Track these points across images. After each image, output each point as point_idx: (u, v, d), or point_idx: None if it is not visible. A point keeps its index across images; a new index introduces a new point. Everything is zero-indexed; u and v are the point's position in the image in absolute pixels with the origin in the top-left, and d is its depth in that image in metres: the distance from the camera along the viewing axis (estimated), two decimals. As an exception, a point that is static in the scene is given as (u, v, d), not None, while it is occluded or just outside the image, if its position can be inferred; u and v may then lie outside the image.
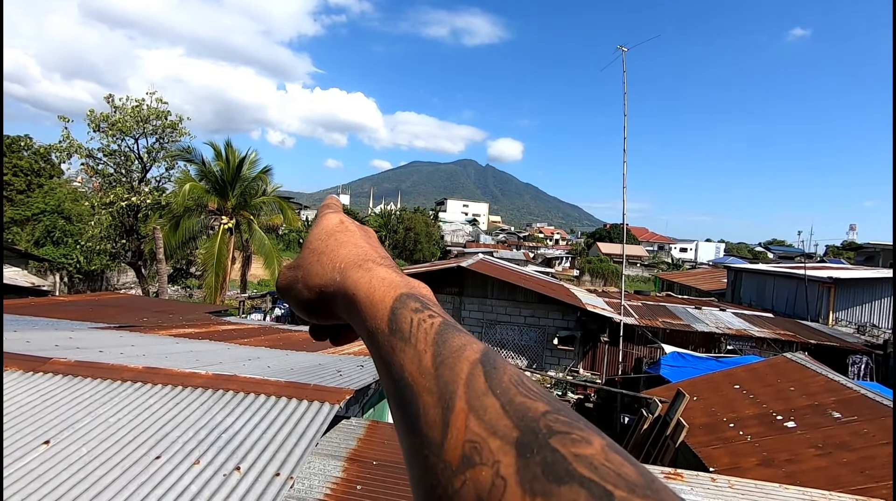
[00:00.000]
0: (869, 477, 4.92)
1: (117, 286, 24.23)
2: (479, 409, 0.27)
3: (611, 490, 0.21)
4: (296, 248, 54.60)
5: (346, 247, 0.44)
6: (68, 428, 3.22)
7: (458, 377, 0.29)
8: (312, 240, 0.46)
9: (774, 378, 8.01)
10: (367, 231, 0.49)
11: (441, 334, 0.32)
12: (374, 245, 0.46)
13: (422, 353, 0.31)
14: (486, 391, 0.28)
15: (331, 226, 0.47)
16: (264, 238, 19.44)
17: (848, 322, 18.25)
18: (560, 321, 14.87)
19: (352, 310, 0.38)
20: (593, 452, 0.23)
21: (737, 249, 78.88)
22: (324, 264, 0.43)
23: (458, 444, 0.26)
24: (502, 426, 0.25)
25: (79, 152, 17.43)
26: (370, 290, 0.37)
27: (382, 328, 0.34)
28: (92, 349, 5.15)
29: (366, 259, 0.41)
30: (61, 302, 10.84)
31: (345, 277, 0.40)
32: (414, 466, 0.28)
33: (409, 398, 0.30)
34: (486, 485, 0.23)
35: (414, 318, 0.34)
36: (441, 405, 0.28)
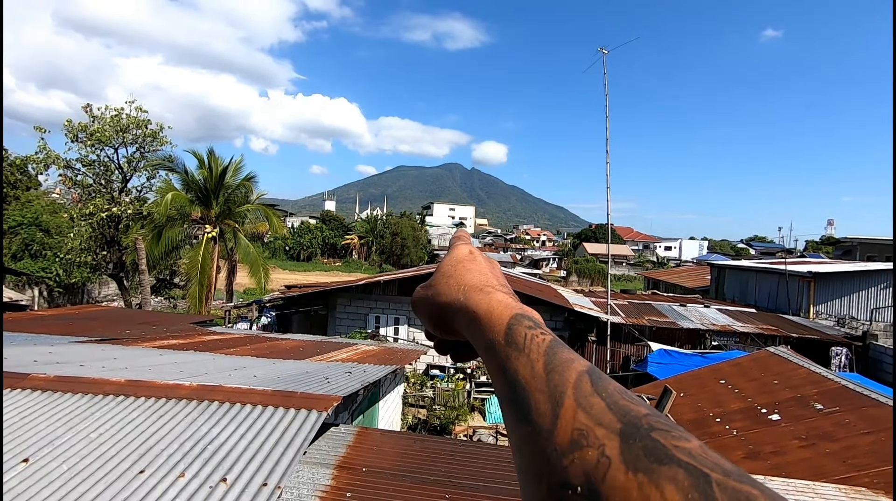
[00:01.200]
0: (851, 466, 5.02)
1: (99, 299, 23.74)
2: (585, 406, 0.30)
3: (708, 472, 0.24)
4: (282, 255, 54.00)
5: (472, 274, 0.50)
6: (48, 445, 3.15)
7: (567, 381, 0.33)
8: (444, 265, 0.53)
9: (758, 372, 8.14)
10: (493, 263, 0.56)
11: (552, 348, 0.37)
12: (497, 275, 0.52)
13: (534, 361, 0.35)
14: (592, 392, 0.31)
15: (461, 255, 0.55)
16: (249, 246, 19.22)
17: (828, 315, 18.64)
18: (548, 322, 14.88)
19: (471, 326, 0.44)
20: (692, 446, 0.26)
21: (720, 246, 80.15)
22: (451, 285, 0.49)
23: (568, 431, 0.29)
24: (607, 419, 0.29)
25: (56, 163, 17.07)
26: (489, 309, 0.43)
27: (499, 340, 0.39)
28: (72, 364, 5.04)
29: (487, 285, 0.48)
30: (40, 316, 10.59)
31: (467, 297, 0.46)
32: (524, 451, 0.32)
33: (522, 396, 0.34)
34: (593, 462, 0.27)
35: (528, 333, 0.38)
36: (551, 402, 0.32)
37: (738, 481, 0.24)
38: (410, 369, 13.03)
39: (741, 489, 0.23)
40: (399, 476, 3.58)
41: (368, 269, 48.23)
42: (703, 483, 0.23)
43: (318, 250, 56.64)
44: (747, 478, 0.24)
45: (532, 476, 0.30)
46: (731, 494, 0.23)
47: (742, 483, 0.23)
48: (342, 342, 9.89)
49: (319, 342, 9.51)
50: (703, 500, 0.23)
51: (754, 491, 0.23)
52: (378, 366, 6.61)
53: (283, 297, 17.03)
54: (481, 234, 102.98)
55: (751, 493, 0.23)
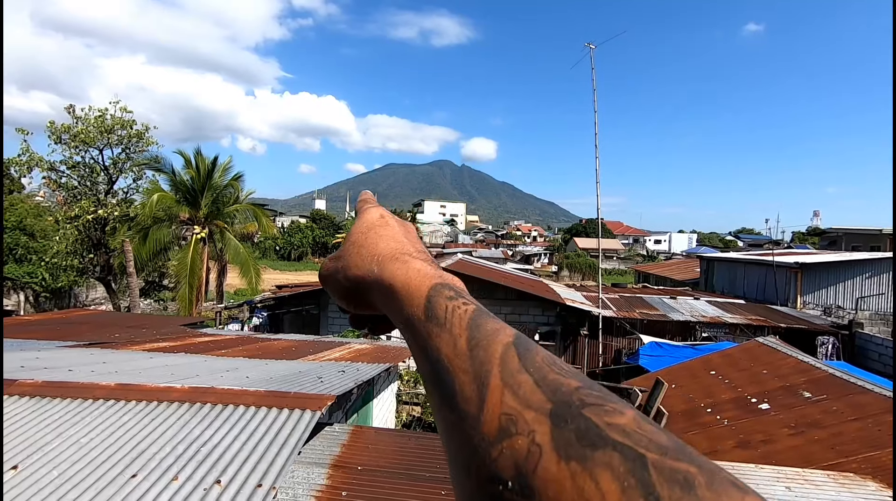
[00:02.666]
0: (839, 453, 5.11)
1: (86, 303, 23.42)
2: (513, 385, 0.28)
3: (643, 452, 0.22)
4: (272, 255, 53.68)
5: (385, 240, 0.46)
6: (37, 452, 3.10)
7: (492, 357, 0.30)
8: (353, 233, 0.49)
9: (748, 363, 8.25)
10: (406, 226, 0.52)
11: (475, 319, 0.34)
12: (412, 240, 0.48)
13: (457, 337, 0.33)
14: (520, 368, 0.29)
15: (371, 220, 0.50)
16: (239, 247, 19.05)
17: (815, 305, 18.93)
18: (540, 317, 15.01)
19: (388, 300, 0.40)
20: (626, 421, 0.24)
21: (708, 238, 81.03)
22: (363, 256, 0.45)
23: (495, 417, 0.27)
24: (536, 399, 0.27)
25: (40, 166, 16.79)
26: (406, 280, 0.39)
27: (419, 315, 0.36)
28: (61, 369, 4.97)
29: (402, 252, 0.43)
30: (27, 321, 10.42)
31: (382, 268, 0.42)
32: (451, 441, 0.30)
33: (445, 378, 0.31)
34: (523, 453, 0.25)
35: (449, 305, 0.35)
36: (476, 383, 0.29)
37: (675, 459, 0.22)
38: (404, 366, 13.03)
39: (678, 467, 0.22)
40: (394, 474, 3.59)
41: (360, 267, 47.94)
42: (639, 466, 0.22)
43: (309, 249, 56.34)
44: (685, 453, 0.23)
45: (461, 468, 0.28)
46: (668, 474, 0.21)
47: (679, 461, 0.22)
48: (335, 341, 9.86)
49: (312, 342, 9.48)
50: (640, 486, 0.21)
51: (692, 469, 0.22)
52: (371, 364, 6.60)
53: (275, 297, 16.93)
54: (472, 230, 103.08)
55: (688, 471, 0.22)
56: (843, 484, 4.12)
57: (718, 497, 0.21)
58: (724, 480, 0.22)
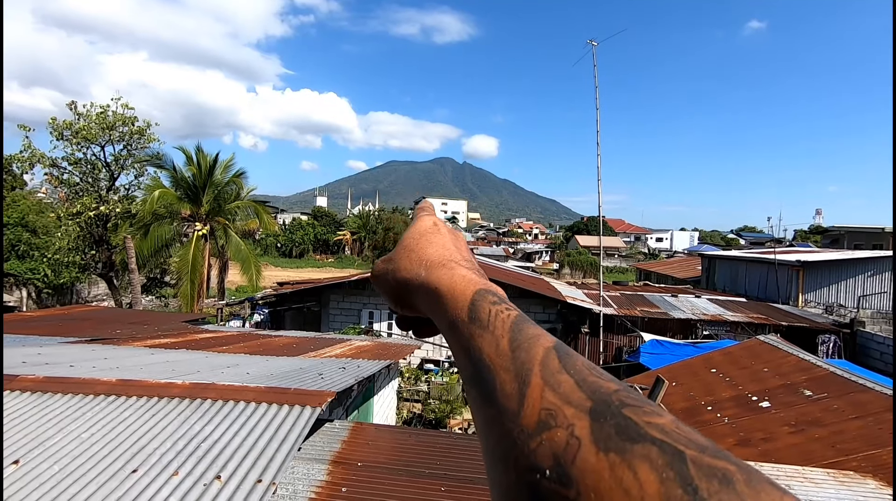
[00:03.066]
0: (839, 451, 5.11)
1: (89, 299, 23.48)
2: (553, 384, 0.29)
3: (682, 449, 0.23)
4: (273, 252, 53.70)
5: (434, 247, 0.48)
6: (38, 447, 3.12)
7: (533, 358, 0.31)
8: (406, 238, 0.51)
9: (749, 361, 8.24)
10: (457, 235, 0.53)
11: (517, 324, 0.35)
12: (461, 248, 0.50)
13: (499, 338, 0.34)
14: (560, 369, 0.30)
15: (424, 227, 0.52)
16: (240, 243, 19.07)
17: (816, 303, 18.89)
18: (541, 315, 15.00)
19: (433, 303, 0.42)
20: (665, 422, 0.25)
21: (710, 236, 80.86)
22: (412, 260, 0.47)
23: (535, 411, 0.28)
24: (576, 397, 0.27)
25: (42, 162, 16.82)
26: (452, 284, 0.41)
27: (462, 317, 0.38)
28: (62, 364, 4.99)
29: (450, 260, 0.45)
30: (29, 317, 10.46)
31: (429, 273, 0.44)
32: (490, 434, 0.30)
33: (486, 376, 0.32)
34: (562, 444, 0.25)
35: (492, 309, 0.37)
36: (517, 381, 0.30)
37: (714, 457, 0.23)
38: (404, 363, 13.05)
39: (716, 465, 0.22)
40: (394, 471, 3.59)
41: (361, 264, 48.11)
42: (678, 460, 0.22)
43: (311, 246, 56.38)
44: (723, 454, 0.23)
45: (499, 460, 0.29)
46: (707, 470, 0.22)
47: (717, 459, 0.23)
48: (336, 338, 9.87)
49: (313, 339, 9.49)
50: (678, 478, 0.22)
51: (730, 467, 0.22)
52: (372, 361, 6.61)
53: (276, 294, 16.95)
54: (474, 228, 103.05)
55: (727, 469, 0.22)
56: (843, 483, 4.12)
57: (757, 495, 0.21)
58: (762, 479, 0.22)
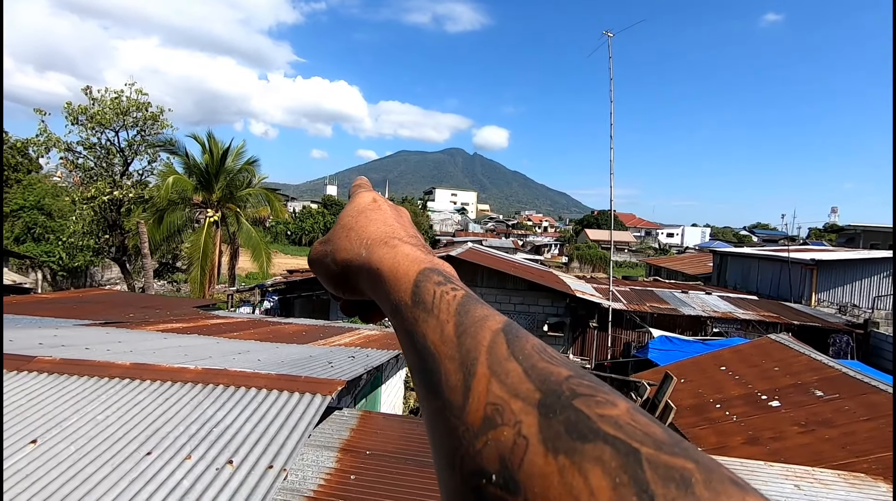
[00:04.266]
0: (850, 452, 5.06)
1: (102, 283, 23.84)
2: (500, 373, 0.27)
3: (637, 446, 0.21)
4: (283, 240, 54.05)
5: (375, 224, 0.45)
6: (56, 427, 3.18)
7: (479, 344, 0.29)
8: (344, 216, 0.47)
9: (759, 359, 8.17)
10: (399, 210, 0.50)
11: (463, 305, 0.32)
12: (404, 224, 0.47)
13: (444, 323, 0.31)
14: (508, 356, 0.27)
15: (363, 204, 0.49)
16: (251, 231, 19.22)
17: (830, 303, 18.65)
18: (549, 308, 14.98)
19: (376, 284, 0.39)
20: (619, 413, 0.23)
21: (722, 233, 79.96)
22: (352, 239, 0.44)
23: (480, 406, 0.26)
24: (524, 389, 0.25)
25: (57, 146, 17.01)
26: (394, 264, 0.38)
27: (406, 300, 0.35)
28: (78, 347, 5.08)
29: (392, 236, 0.42)
30: (44, 299, 10.65)
31: (371, 252, 0.41)
32: (435, 430, 0.28)
33: (431, 366, 0.30)
34: (508, 444, 0.23)
35: (437, 290, 0.34)
36: (463, 371, 0.28)
37: (671, 454, 0.20)
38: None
39: (674, 463, 0.20)
40: (402, 459, 3.62)
41: (370, 254, 48.18)
42: (633, 461, 0.20)
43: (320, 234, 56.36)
44: (681, 448, 0.21)
45: (444, 459, 0.27)
46: (664, 472, 0.20)
47: (675, 456, 0.20)
48: (345, 327, 9.94)
49: (322, 327, 9.56)
50: (633, 483, 0.20)
51: (688, 465, 0.20)
52: (381, 351, 6.65)
53: (286, 281, 17.08)
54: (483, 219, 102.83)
55: (685, 468, 0.20)
56: (853, 484, 4.08)
57: (717, 497, 0.19)
58: (722, 477, 0.20)
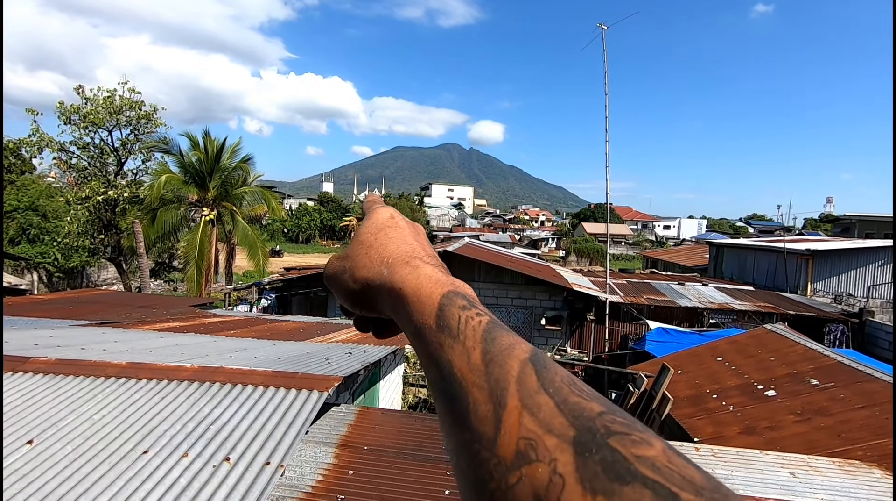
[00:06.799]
0: (845, 440, 5.11)
1: (98, 283, 23.77)
2: (532, 407, 0.26)
3: (676, 491, 0.20)
4: (280, 238, 53.95)
5: (395, 243, 0.44)
6: (52, 427, 3.17)
7: (508, 374, 0.28)
8: (362, 233, 0.47)
9: (755, 349, 8.22)
10: (417, 228, 0.50)
11: (489, 332, 0.32)
12: (423, 243, 0.46)
13: (470, 349, 0.31)
14: (539, 389, 0.27)
15: (381, 221, 0.48)
16: (248, 229, 19.16)
17: (825, 292, 18.75)
18: (547, 302, 15.01)
19: (397, 306, 0.39)
20: (655, 453, 0.22)
21: (718, 224, 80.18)
22: (372, 257, 0.43)
23: (513, 440, 0.25)
24: (557, 424, 0.25)
25: (50, 146, 16.90)
26: (417, 286, 0.38)
27: (430, 323, 0.35)
28: (73, 347, 5.06)
29: (413, 256, 0.42)
30: (40, 300, 10.60)
31: (392, 272, 0.41)
32: (462, 460, 0.28)
33: (457, 393, 0.30)
34: (544, 482, 0.23)
35: (462, 315, 0.34)
36: (493, 402, 0.27)
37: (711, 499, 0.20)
38: (410, 349, 13.14)
39: None
40: (400, 455, 3.63)
41: (367, 250, 48.16)
42: None
43: (317, 231, 56.59)
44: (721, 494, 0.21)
45: (472, 487, 0.26)
46: None
47: None
48: (342, 324, 9.93)
49: (319, 324, 9.56)
50: None
51: None
52: (378, 347, 6.66)
53: (283, 279, 17.05)
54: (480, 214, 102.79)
55: None
56: (848, 471, 4.12)
57: None
58: None
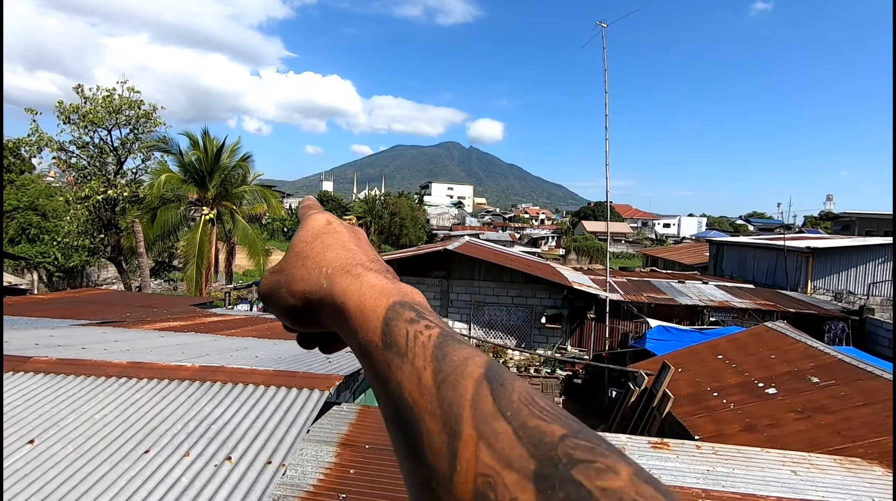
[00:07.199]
0: (846, 438, 5.11)
1: (98, 282, 23.77)
2: (489, 436, 0.24)
3: None
4: (280, 237, 53.94)
5: (334, 250, 0.41)
6: (53, 427, 3.17)
7: (462, 397, 0.26)
8: (297, 243, 0.43)
9: (756, 347, 8.22)
10: (356, 232, 0.46)
11: (440, 347, 0.29)
12: (364, 248, 0.43)
13: (420, 370, 0.28)
14: (496, 413, 0.25)
15: (317, 227, 0.44)
16: (247, 228, 19.15)
17: (825, 290, 18.75)
18: (547, 300, 15.01)
19: (341, 320, 0.35)
20: (622, 484, 0.21)
21: (718, 222, 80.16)
22: (309, 268, 0.40)
23: (470, 478, 0.23)
24: (517, 455, 0.23)
25: (49, 146, 16.88)
26: (360, 299, 0.35)
27: (375, 341, 0.32)
28: (74, 347, 5.06)
29: (354, 263, 0.39)
30: (40, 300, 10.60)
31: (332, 283, 0.37)
32: (419, 497, 0.26)
33: (409, 420, 0.27)
34: None
35: (410, 330, 0.31)
36: (447, 431, 0.25)
37: None
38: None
39: None
40: (401, 453, 3.64)
41: (367, 249, 48.20)
42: None
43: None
44: None
45: None
46: None
47: None
48: (343, 322, 9.93)
49: (320, 323, 9.55)
50: None
51: None
52: (379, 345, 6.66)
53: (283, 278, 17.01)
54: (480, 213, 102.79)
55: None
56: (848, 469, 4.12)
57: None
58: None
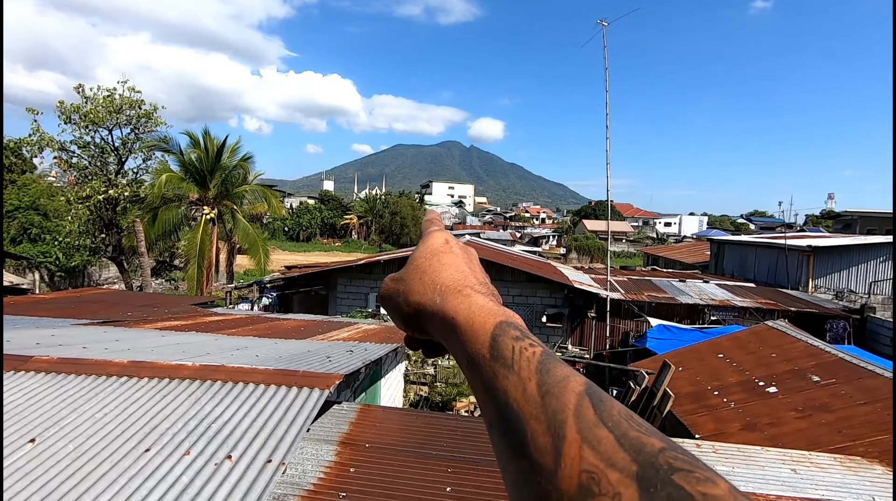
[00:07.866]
0: (846, 436, 5.10)
1: (100, 282, 23.80)
2: (592, 440, 0.26)
3: None
4: (281, 236, 53.90)
5: (448, 270, 0.45)
6: (54, 426, 3.18)
7: (566, 406, 0.29)
8: (417, 258, 0.48)
9: (756, 346, 8.21)
10: (470, 253, 0.51)
11: (543, 363, 0.32)
12: (475, 269, 0.47)
13: (526, 380, 0.31)
14: (597, 422, 0.27)
15: (435, 246, 0.49)
16: (248, 227, 19.17)
17: (826, 289, 18.72)
18: (548, 299, 15.01)
19: (449, 334, 0.40)
20: (722, 493, 0.22)
21: (720, 221, 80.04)
22: (426, 283, 0.44)
23: (574, 473, 0.25)
24: (619, 458, 0.25)
25: (51, 146, 16.89)
26: (470, 316, 0.38)
27: (483, 353, 0.35)
28: (75, 346, 5.07)
29: (465, 285, 0.43)
30: (42, 300, 10.62)
31: (445, 300, 0.42)
32: (522, 490, 0.28)
33: (515, 424, 0.30)
34: None
35: (516, 346, 0.34)
36: (551, 434, 0.28)
37: None
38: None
39: None
40: (402, 452, 3.64)
41: (368, 249, 48.27)
42: None
43: (318, 230, 56.57)
44: None
45: None
46: None
47: None
48: (343, 322, 9.94)
49: (321, 322, 9.57)
50: None
51: None
52: (379, 344, 6.66)
53: (284, 277, 17.06)
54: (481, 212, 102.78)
55: None
56: (849, 468, 4.12)
57: None
58: None
